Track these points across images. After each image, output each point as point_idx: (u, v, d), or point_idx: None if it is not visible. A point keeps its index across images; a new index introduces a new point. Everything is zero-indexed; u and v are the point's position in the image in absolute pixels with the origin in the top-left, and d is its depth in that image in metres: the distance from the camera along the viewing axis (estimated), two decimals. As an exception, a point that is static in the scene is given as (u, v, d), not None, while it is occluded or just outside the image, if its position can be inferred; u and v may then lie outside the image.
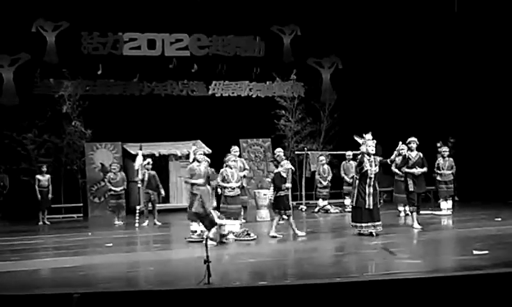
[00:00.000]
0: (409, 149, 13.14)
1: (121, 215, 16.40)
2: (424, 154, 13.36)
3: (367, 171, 11.92)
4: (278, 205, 12.37)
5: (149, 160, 16.33)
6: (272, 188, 12.58)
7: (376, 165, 11.99)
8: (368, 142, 12.01)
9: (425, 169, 13.11)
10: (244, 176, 14.81)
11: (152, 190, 15.89)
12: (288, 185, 12.40)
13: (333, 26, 21.39)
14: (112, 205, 16.53)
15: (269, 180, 14.04)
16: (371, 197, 11.92)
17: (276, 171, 12.61)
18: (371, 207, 11.90)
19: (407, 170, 12.97)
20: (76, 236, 13.91)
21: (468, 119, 20.21)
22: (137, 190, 16.20)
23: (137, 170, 15.67)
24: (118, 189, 16.34)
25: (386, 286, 7.45)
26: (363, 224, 11.92)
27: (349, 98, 21.21)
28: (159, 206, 16.43)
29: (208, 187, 12.14)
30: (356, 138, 12.33)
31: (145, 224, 15.56)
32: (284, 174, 12.35)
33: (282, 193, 12.26)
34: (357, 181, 12.04)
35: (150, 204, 15.95)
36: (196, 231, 12.15)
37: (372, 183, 11.94)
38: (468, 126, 20.18)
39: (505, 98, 19.53)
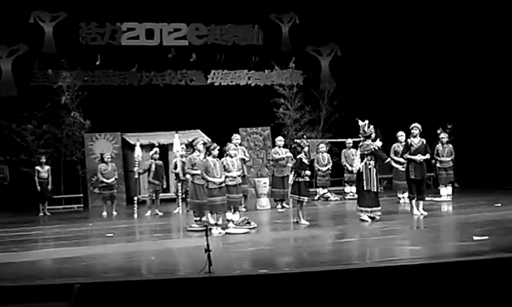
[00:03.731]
0: (412, 135, 13.12)
1: (114, 206, 16.39)
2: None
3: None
4: (294, 190, 12.40)
5: (156, 149, 16.27)
6: (292, 173, 12.64)
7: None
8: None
9: (427, 156, 13.07)
10: (245, 162, 14.81)
11: (157, 181, 15.86)
12: (308, 172, 12.40)
13: (332, 14, 21.34)
14: (105, 196, 16.49)
15: (291, 165, 14.09)
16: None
17: (298, 156, 12.59)
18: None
19: (409, 156, 12.96)
20: (77, 226, 13.94)
21: (467, 105, 20.20)
22: (135, 181, 16.21)
23: (137, 161, 15.64)
24: (109, 181, 16.30)
25: (386, 272, 7.47)
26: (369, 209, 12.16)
27: (348, 85, 21.17)
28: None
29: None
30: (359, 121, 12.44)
31: (148, 214, 15.55)
32: (306, 161, 12.36)
33: (301, 179, 12.28)
34: (370, 166, 12.19)
35: (153, 195, 15.94)
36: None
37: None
38: (467, 112, 20.18)
39: (503, 84, 19.51)
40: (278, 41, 22.49)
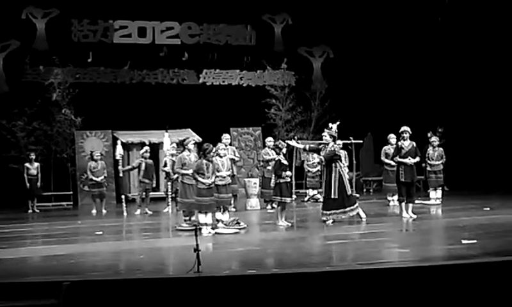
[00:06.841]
0: (402, 138, 13.17)
1: (103, 204, 16.36)
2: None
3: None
4: (275, 192, 12.39)
5: (147, 148, 16.25)
6: (272, 175, 12.63)
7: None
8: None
9: (417, 159, 13.14)
10: (235, 162, 14.80)
11: (147, 180, 15.84)
12: (288, 172, 12.40)
13: (324, 15, 21.33)
14: (94, 194, 16.46)
15: (270, 167, 14.10)
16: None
17: (277, 158, 12.61)
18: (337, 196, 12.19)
19: (399, 159, 13.01)
20: (66, 224, 13.90)
21: (458, 108, 20.30)
22: (121, 179, 16.30)
23: (118, 160, 15.64)
24: (98, 179, 16.28)
25: (375, 275, 7.49)
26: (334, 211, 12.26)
27: (340, 87, 21.17)
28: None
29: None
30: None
31: (137, 212, 15.52)
32: (285, 162, 12.37)
33: (282, 180, 12.27)
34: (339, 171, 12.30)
35: (143, 193, 15.92)
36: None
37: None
38: (457, 115, 20.27)
39: (493, 88, 19.62)
40: (270, 42, 22.47)
